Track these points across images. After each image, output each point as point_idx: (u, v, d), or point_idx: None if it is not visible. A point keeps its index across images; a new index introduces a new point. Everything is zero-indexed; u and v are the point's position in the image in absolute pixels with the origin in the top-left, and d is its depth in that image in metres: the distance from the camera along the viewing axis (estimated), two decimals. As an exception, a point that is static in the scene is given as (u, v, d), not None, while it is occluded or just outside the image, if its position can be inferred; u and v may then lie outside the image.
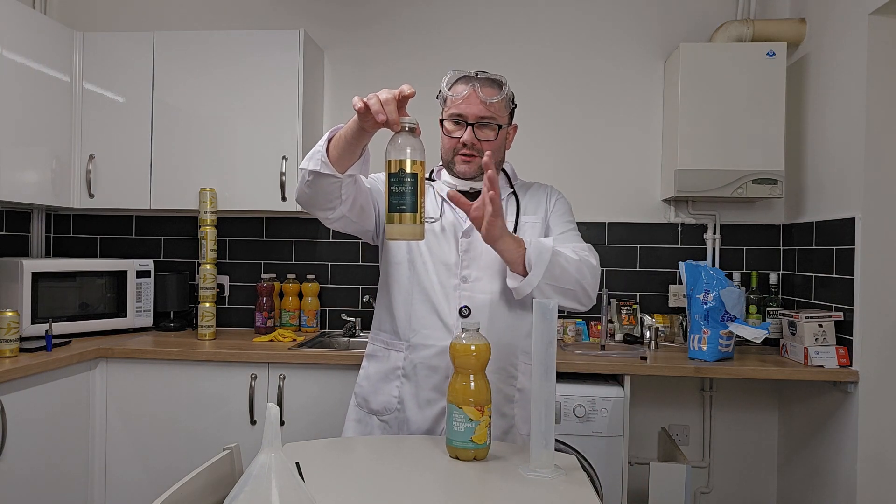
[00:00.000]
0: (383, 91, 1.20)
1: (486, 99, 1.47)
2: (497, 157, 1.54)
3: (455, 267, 1.52)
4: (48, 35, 2.56)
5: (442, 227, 1.54)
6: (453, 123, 1.51)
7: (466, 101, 1.48)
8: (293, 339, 2.60)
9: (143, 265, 2.80)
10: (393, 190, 1.18)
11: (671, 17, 2.85)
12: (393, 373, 1.55)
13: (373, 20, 2.97)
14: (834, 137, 2.37)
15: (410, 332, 1.53)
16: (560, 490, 1.13)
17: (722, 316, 2.34)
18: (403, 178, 1.17)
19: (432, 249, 1.54)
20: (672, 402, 2.82)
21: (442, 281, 1.52)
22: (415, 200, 1.18)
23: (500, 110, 1.51)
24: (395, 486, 1.13)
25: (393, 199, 1.18)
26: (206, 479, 1.01)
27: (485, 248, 1.50)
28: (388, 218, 1.20)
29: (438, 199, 1.58)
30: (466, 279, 1.52)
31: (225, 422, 2.37)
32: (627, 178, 2.87)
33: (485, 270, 1.52)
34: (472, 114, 1.48)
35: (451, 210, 1.56)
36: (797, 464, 2.59)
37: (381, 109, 1.18)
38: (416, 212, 1.19)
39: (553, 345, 1.20)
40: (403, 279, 1.55)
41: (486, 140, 1.49)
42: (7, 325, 2.15)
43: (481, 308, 1.50)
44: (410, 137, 1.20)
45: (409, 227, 1.19)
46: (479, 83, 1.48)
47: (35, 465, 2.12)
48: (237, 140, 2.67)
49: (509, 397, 1.56)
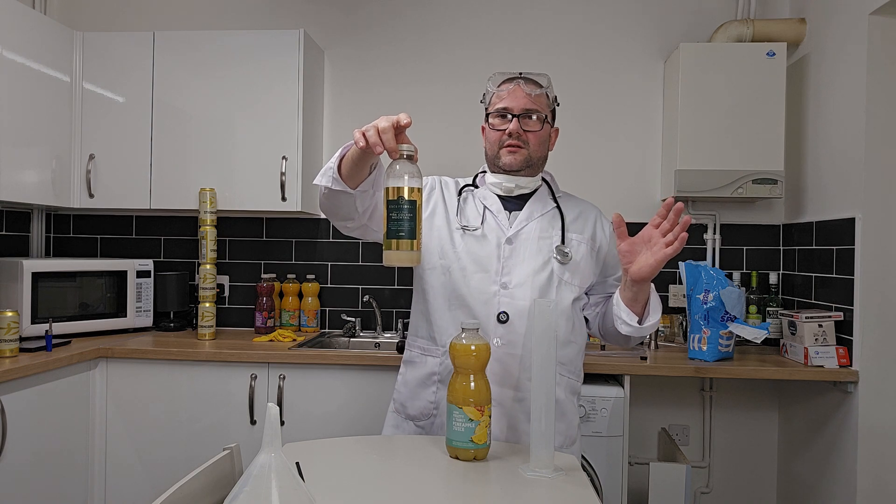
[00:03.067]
0: (381, 119, 1.21)
1: (531, 92, 1.50)
2: (540, 153, 1.56)
3: (495, 274, 1.51)
4: (48, 35, 2.56)
5: (483, 234, 1.54)
6: (499, 118, 1.53)
7: (511, 95, 1.51)
8: (293, 339, 2.60)
9: (143, 265, 2.80)
10: (391, 217, 1.20)
11: (671, 17, 2.85)
12: (429, 378, 1.54)
13: (373, 21, 2.97)
14: (834, 137, 2.37)
15: (447, 337, 1.50)
16: (560, 490, 1.13)
17: (722, 316, 2.34)
18: (401, 206, 1.19)
19: (472, 255, 1.53)
20: (672, 402, 2.82)
21: (481, 287, 1.51)
22: (413, 227, 1.20)
23: (544, 104, 1.53)
24: (396, 486, 1.13)
25: (391, 225, 1.20)
26: (206, 479, 1.01)
27: (527, 256, 1.52)
28: (386, 244, 1.21)
29: (480, 206, 1.58)
30: (507, 286, 1.50)
31: (225, 422, 2.37)
32: (627, 177, 2.87)
33: (525, 278, 1.51)
34: (518, 106, 1.50)
35: (492, 217, 1.56)
36: (797, 464, 2.59)
37: (378, 142, 1.20)
38: (414, 238, 1.20)
39: (553, 345, 1.20)
40: (437, 284, 1.54)
41: (531, 130, 1.51)
42: (7, 325, 2.15)
43: (520, 314, 1.49)
44: (408, 164, 1.21)
45: (406, 253, 1.20)
46: (522, 81, 1.52)
47: (35, 465, 2.12)
48: (237, 140, 2.67)
49: None
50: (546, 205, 1.59)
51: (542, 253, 1.53)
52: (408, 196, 1.19)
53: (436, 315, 1.54)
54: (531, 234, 1.54)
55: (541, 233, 1.54)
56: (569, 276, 1.53)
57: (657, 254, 1.37)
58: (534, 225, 1.55)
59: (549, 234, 1.55)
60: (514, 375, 1.48)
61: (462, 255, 1.53)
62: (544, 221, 1.56)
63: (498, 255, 1.52)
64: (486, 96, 1.58)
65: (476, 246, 1.53)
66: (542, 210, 1.58)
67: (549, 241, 1.54)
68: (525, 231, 1.54)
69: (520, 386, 1.48)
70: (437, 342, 1.54)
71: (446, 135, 2.90)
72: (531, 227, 1.54)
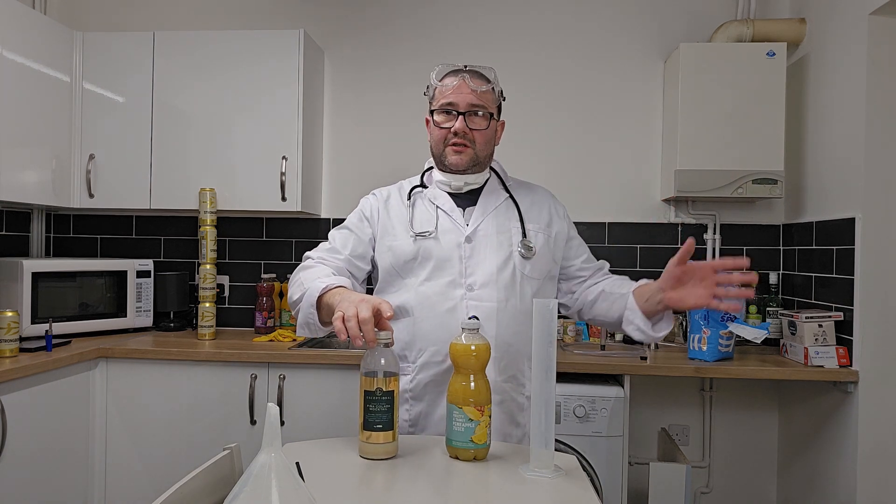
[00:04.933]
0: (362, 306, 1.17)
1: (477, 88, 1.46)
2: (487, 151, 1.53)
3: (459, 276, 1.47)
4: (48, 35, 2.56)
5: (439, 236, 1.49)
6: (444, 114, 1.49)
7: (456, 91, 1.47)
8: (293, 339, 2.60)
9: (143, 265, 2.80)
10: (368, 408, 1.21)
11: (671, 17, 2.85)
12: (400, 397, 1.47)
13: (373, 21, 2.97)
14: (834, 137, 2.37)
15: (417, 353, 1.48)
16: (560, 490, 1.13)
17: (722, 316, 2.34)
18: (380, 398, 1.21)
19: (432, 262, 1.48)
20: (672, 402, 2.82)
21: (446, 293, 1.47)
22: (391, 418, 1.22)
23: (490, 101, 1.49)
24: (395, 486, 1.13)
25: (368, 416, 1.21)
26: (206, 479, 1.01)
27: (487, 253, 1.48)
28: (363, 435, 1.22)
29: (432, 207, 1.53)
30: (472, 287, 1.47)
31: (225, 422, 2.37)
32: (627, 178, 2.87)
33: (489, 277, 1.47)
34: (463, 102, 1.46)
35: (447, 217, 1.52)
36: (797, 464, 2.59)
37: (358, 335, 1.16)
38: (392, 429, 1.22)
39: (553, 345, 1.20)
40: (401, 301, 1.49)
41: (477, 129, 1.48)
42: (7, 325, 2.15)
43: (489, 316, 1.45)
44: (386, 353, 1.22)
45: (382, 446, 1.22)
46: (468, 74, 1.48)
47: (35, 465, 2.12)
48: (237, 140, 2.67)
49: (521, 405, 1.53)
50: (499, 196, 1.56)
51: (502, 248, 1.49)
52: (385, 388, 1.21)
53: (403, 333, 1.48)
54: (489, 230, 1.50)
55: (498, 227, 1.51)
56: (529, 270, 1.50)
57: (700, 299, 1.32)
58: (490, 220, 1.51)
59: (507, 226, 1.52)
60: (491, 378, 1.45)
61: (425, 264, 1.48)
62: (500, 214, 1.53)
63: (459, 255, 1.48)
64: (430, 89, 1.53)
65: (435, 249, 1.48)
66: (496, 202, 1.54)
67: (508, 234, 1.51)
68: (483, 227, 1.50)
69: (497, 388, 1.44)
70: (407, 359, 1.49)
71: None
72: (488, 223, 1.51)
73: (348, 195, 2.95)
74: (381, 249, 1.54)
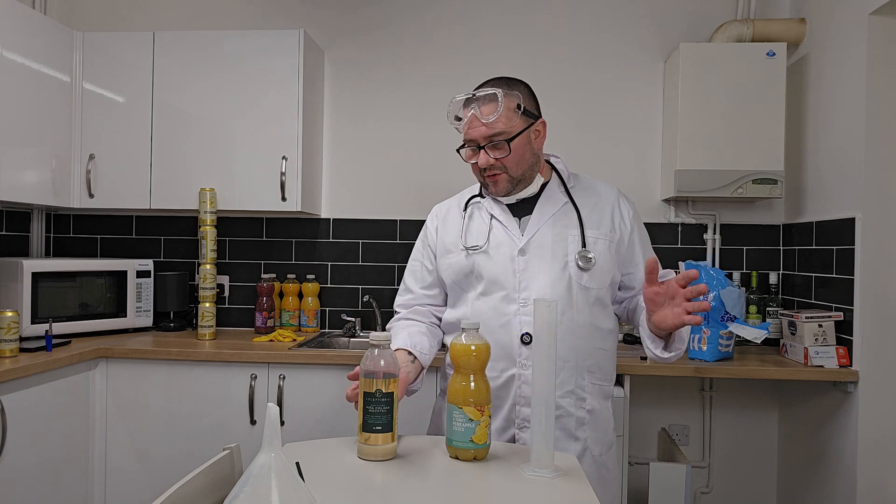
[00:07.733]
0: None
1: (488, 118, 1.42)
2: (522, 168, 1.48)
3: (513, 291, 1.46)
4: (48, 35, 2.56)
5: (490, 249, 1.49)
6: (469, 150, 1.49)
7: (469, 126, 1.46)
8: (293, 339, 2.60)
9: (143, 265, 2.80)
10: (368, 409, 1.22)
11: (671, 17, 2.85)
12: None
13: (373, 22, 2.97)
14: (834, 137, 2.37)
15: None
16: (560, 490, 1.13)
17: (722, 316, 2.34)
18: (379, 399, 1.21)
19: (486, 277, 1.48)
20: (672, 402, 2.82)
21: (499, 308, 1.46)
22: (390, 420, 1.23)
23: (506, 123, 1.44)
24: (395, 486, 1.13)
25: (367, 418, 1.22)
26: (206, 479, 1.01)
27: (542, 266, 1.46)
28: (362, 437, 1.23)
29: (487, 217, 1.52)
30: (526, 302, 1.45)
31: (225, 422, 2.37)
32: (627, 177, 2.87)
33: (543, 291, 1.44)
34: (479, 136, 1.45)
35: (501, 228, 1.50)
36: (797, 464, 2.59)
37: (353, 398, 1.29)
38: (391, 431, 1.23)
39: (554, 345, 1.20)
40: (460, 315, 1.52)
41: (500, 158, 1.45)
42: (7, 325, 2.15)
43: None
44: (386, 353, 1.23)
45: (381, 448, 1.23)
46: (477, 103, 1.44)
47: (35, 464, 2.12)
48: (237, 140, 2.67)
49: (581, 420, 1.50)
50: (557, 201, 1.52)
51: (557, 259, 1.47)
52: (385, 389, 1.21)
53: None
54: (545, 240, 1.48)
55: (554, 236, 1.48)
56: (587, 280, 1.47)
57: (677, 317, 1.29)
58: (546, 229, 1.49)
59: (565, 234, 1.48)
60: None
61: (483, 277, 1.48)
62: (557, 222, 1.49)
63: (513, 269, 1.46)
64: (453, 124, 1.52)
65: (488, 264, 1.48)
66: (554, 209, 1.51)
67: (564, 244, 1.47)
68: (538, 237, 1.48)
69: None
70: None
71: (445, 135, 2.89)
72: (544, 232, 1.48)
73: (348, 195, 2.96)
74: (443, 267, 1.57)
